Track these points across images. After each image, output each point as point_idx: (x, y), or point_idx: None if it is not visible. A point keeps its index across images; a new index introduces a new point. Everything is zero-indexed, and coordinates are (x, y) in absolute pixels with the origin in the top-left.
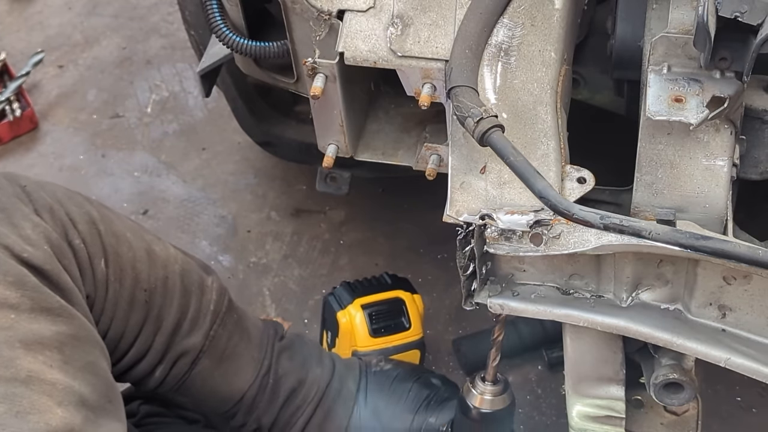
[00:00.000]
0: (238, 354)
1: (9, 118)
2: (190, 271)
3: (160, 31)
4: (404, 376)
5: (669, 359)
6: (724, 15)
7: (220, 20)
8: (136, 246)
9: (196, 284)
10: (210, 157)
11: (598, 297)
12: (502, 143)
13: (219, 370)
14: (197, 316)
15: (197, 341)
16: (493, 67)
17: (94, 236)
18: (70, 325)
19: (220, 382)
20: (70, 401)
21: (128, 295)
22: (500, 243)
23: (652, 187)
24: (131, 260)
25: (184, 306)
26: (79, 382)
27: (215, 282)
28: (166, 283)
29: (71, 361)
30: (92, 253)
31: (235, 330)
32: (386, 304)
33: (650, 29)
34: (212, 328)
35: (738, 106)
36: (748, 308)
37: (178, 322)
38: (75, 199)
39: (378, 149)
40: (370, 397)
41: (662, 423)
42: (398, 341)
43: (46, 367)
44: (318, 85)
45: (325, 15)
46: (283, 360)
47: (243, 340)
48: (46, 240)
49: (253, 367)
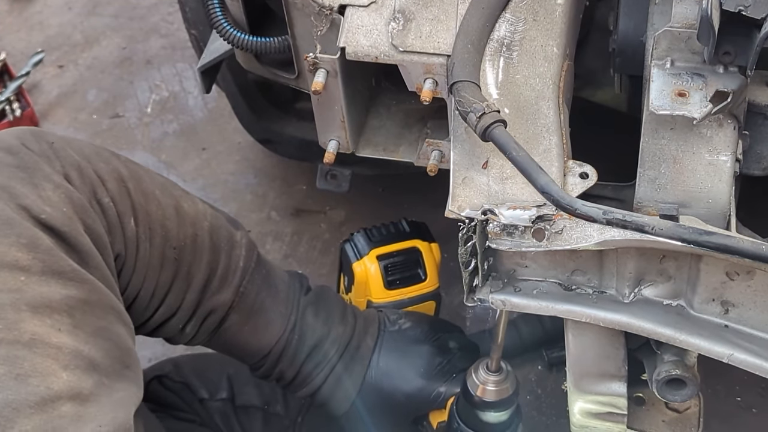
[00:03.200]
0: (266, 309)
1: (9, 118)
2: (219, 227)
3: (160, 31)
4: (421, 338)
5: (671, 355)
6: (727, 9)
7: (221, 15)
8: (165, 203)
9: (225, 240)
10: (210, 157)
11: (601, 293)
12: (504, 138)
13: (248, 325)
14: (226, 273)
15: (227, 297)
16: (495, 62)
17: (123, 194)
18: (81, 289)
19: (248, 336)
20: (77, 365)
21: (158, 253)
22: (502, 238)
23: (654, 183)
24: (160, 218)
25: (214, 263)
26: (89, 347)
27: (244, 237)
28: (196, 240)
29: (81, 325)
30: (121, 212)
31: (263, 285)
32: (402, 255)
33: (653, 24)
34: (241, 284)
35: (741, 100)
36: (751, 304)
37: (208, 279)
38: (103, 155)
39: (379, 145)
40: (384, 356)
41: (664, 420)
42: (413, 293)
43: (53, 331)
44: (319, 80)
45: (326, 10)
46: (308, 316)
47: (271, 296)
48: (68, 201)
49: (281, 322)
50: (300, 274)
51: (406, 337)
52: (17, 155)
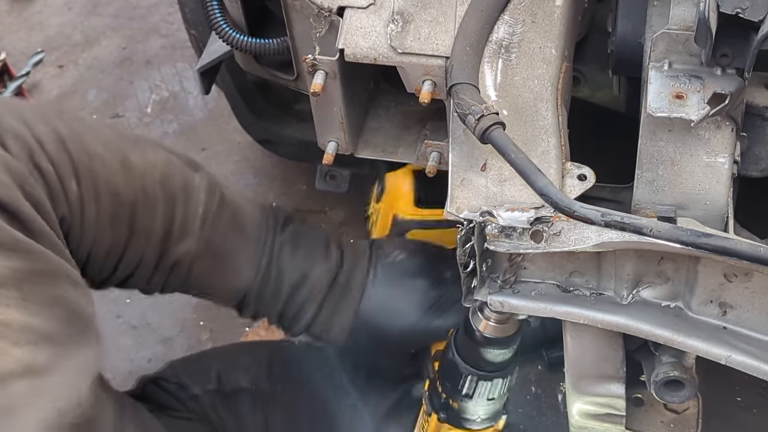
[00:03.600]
0: (234, 252)
1: None
2: (173, 174)
3: (160, 31)
4: (415, 270)
5: (669, 357)
6: (725, 11)
7: (220, 17)
8: (110, 160)
9: (180, 188)
10: (210, 157)
11: (599, 294)
12: (503, 140)
13: (217, 269)
14: (185, 222)
15: (190, 246)
16: (494, 63)
17: (63, 156)
18: (27, 259)
19: (220, 281)
20: (29, 340)
21: (107, 211)
22: (500, 240)
23: (652, 184)
24: (105, 176)
25: (170, 213)
26: (41, 319)
27: (203, 179)
28: (147, 193)
29: (31, 297)
30: (62, 175)
31: (229, 228)
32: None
33: (651, 26)
34: (203, 230)
35: (739, 102)
36: (749, 306)
37: (166, 231)
38: (45, 117)
39: (378, 146)
40: (377, 290)
41: (662, 421)
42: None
43: (1, 307)
44: (318, 82)
45: (325, 12)
46: (285, 255)
47: (239, 237)
48: (6, 169)
49: (252, 263)
50: (275, 207)
51: (400, 270)
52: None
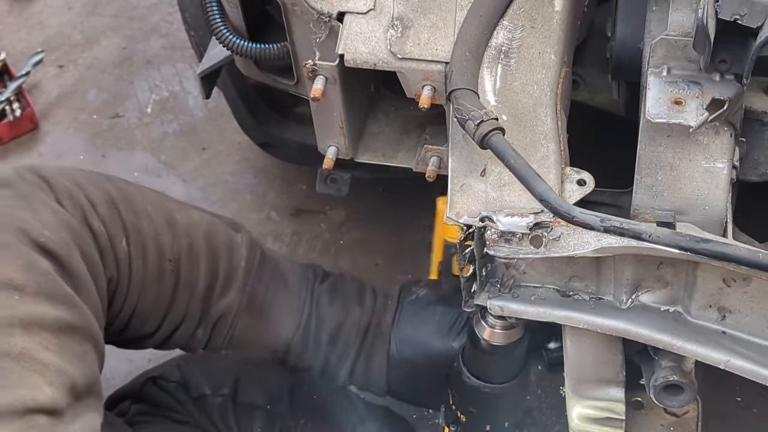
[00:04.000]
0: (277, 303)
1: (9, 118)
2: (216, 233)
3: (160, 31)
4: (433, 300)
5: (669, 361)
6: (723, 17)
7: (220, 22)
8: (157, 218)
9: (223, 244)
10: (210, 157)
11: (598, 299)
12: (502, 146)
13: (260, 322)
14: (229, 276)
15: (233, 299)
16: (493, 69)
17: (114, 216)
18: (71, 313)
19: (263, 334)
20: (60, 383)
21: (153, 268)
22: (500, 245)
23: (651, 190)
24: (153, 234)
25: (213, 268)
26: (72, 368)
27: (245, 237)
28: (191, 249)
29: (66, 347)
30: (112, 234)
31: (271, 281)
32: None
33: (650, 31)
34: (246, 284)
35: (738, 108)
36: (748, 310)
37: (210, 285)
38: (94, 179)
39: (378, 151)
40: (402, 327)
41: (662, 424)
42: None
43: (41, 348)
44: (318, 87)
45: (325, 17)
46: (323, 305)
47: (281, 289)
48: (66, 226)
49: (294, 315)
50: (313, 264)
51: (420, 304)
52: (15, 187)
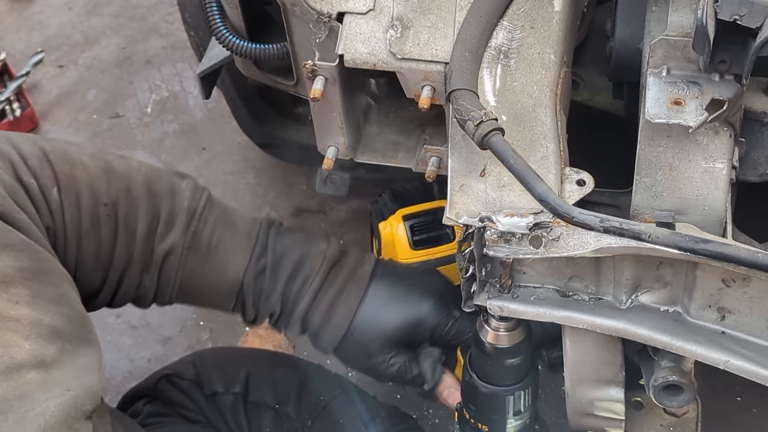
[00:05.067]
0: (224, 243)
1: (9, 118)
2: (158, 178)
3: (160, 31)
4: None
5: (668, 361)
6: (723, 18)
7: (219, 22)
8: (92, 167)
9: (165, 188)
10: (210, 157)
11: (598, 299)
12: (502, 146)
13: (209, 263)
14: (171, 217)
15: (176, 239)
16: (493, 69)
17: (45, 168)
18: (34, 259)
19: (213, 274)
20: (39, 334)
21: (88, 214)
22: (500, 245)
23: (651, 190)
24: (87, 180)
25: (154, 210)
26: (50, 315)
27: (189, 183)
28: (129, 193)
29: (40, 294)
30: (43, 185)
31: (218, 222)
32: (429, 215)
33: (649, 32)
34: (190, 224)
35: (737, 108)
36: (748, 310)
37: (151, 227)
38: (32, 139)
39: (378, 151)
40: (383, 284)
41: (662, 425)
42: (441, 253)
43: (10, 305)
44: (318, 87)
45: (324, 17)
46: (283, 238)
47: (228, 230)
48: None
49: (243, 251)
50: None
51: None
52: None
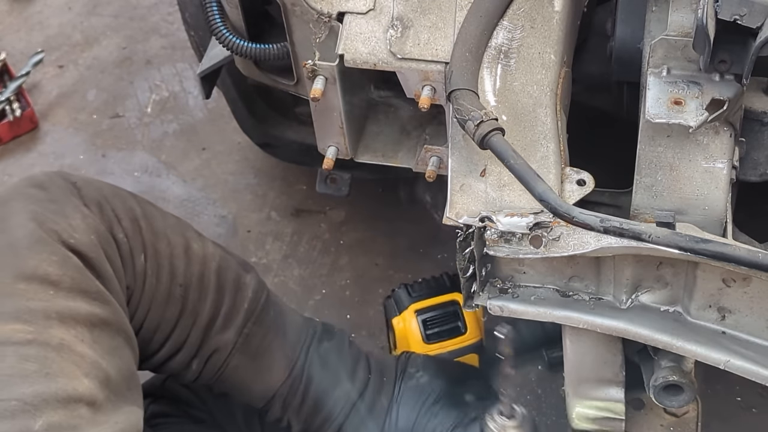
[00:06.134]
0: (271, 351)
1: (9, 118)
2: (227, 268)
3: (160, 31)
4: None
5: (668, 361)
6: (723, 18)
7: (220, 22)
8: (175, 243)
9: (231, 281)
10: (210, 157)
11: (598, 299)
12: (502, 146)
13: (252, 366)
14: (231, 313)
15: (230, 337)
16: (493, 69)
17: (136, 232)
18: (103, 309)
19: (252, 378)
20: (96, 375)
21: (164, 289)
22: (500, 245)
23: (651, 190)
24: (169, 256)
25: (218, 302)
26: (105, 362)
27: (253, 279)
28: (202, 279)
29: (99, 341)
30: (133, 247)
31: (270, 327)
32: (441, 308)
33: (650, 31)
34: (246, 325)
35: (737, 108)
36: (748, 310)
37: (212, 318)
38: (120, 195)
39: (378, 151)
40: (401, 412)
41: (662, 424)
42: (453, 346)
43: (77, 341)
44: (318, 87)
45: (325, 17)
46: (315, 366)
47: (278, 338)
48: (94, 230)
49: (285, 365)
50: (315, 321)
51: (423, 393)
52: (47, 190)
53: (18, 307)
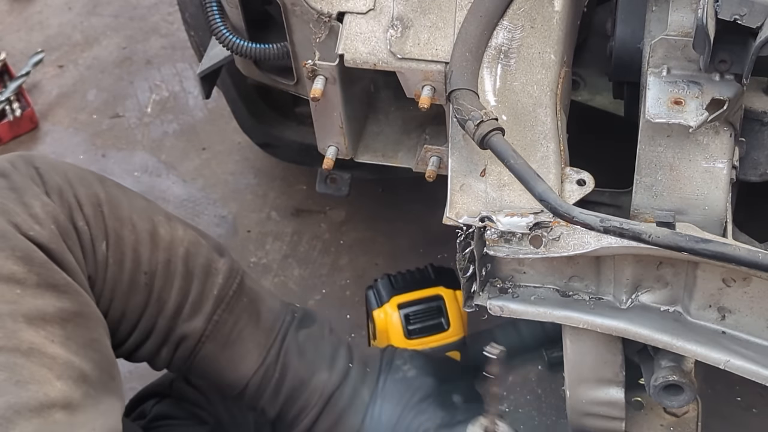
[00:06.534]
0: (243, 339)
1: (9, 118)
2: (197, 254)
3: (160, 31)
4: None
5: (668, 361)
6: (723, 17)
7: (220, 22)
8: (140, 228)
9: (200, 267)
10: (210, 157)
11: (598, 299)
12: (502, 146)
13: (224, 353)
14: (199, 300)
15: (198, 325)
16: (493, 69)
17: (98, 219)
18: (74, 302)
19: (224, 365)
20: (69, 376)
21: (128, 277)
22: (500, 245)
23: (651, 190)
24: (133, 243)
25: (186, 289)
26: (80, 359)
27: (225, 264)
28: (168, 266)
29: (73, 337)
30: (95, 235)
31: (242, 314)
32: (424, 303)
33: (650, 31)
34: (215, 312)
35: (737, 108)
36: (748, 310)
37: (179, 305)
38: (85, 180)
39: (378, 151)
40: (384, 405)
41: (662, 424)
42: (435, 342)
43: (47, 342)
44: (318, 87)
45: (325, 17)
46: (292, 355)
47: (250, 325)
48: (53, 220)
49: (258, 353)
50: (294, 307)
51: (410, 388)
52: (8, 177)
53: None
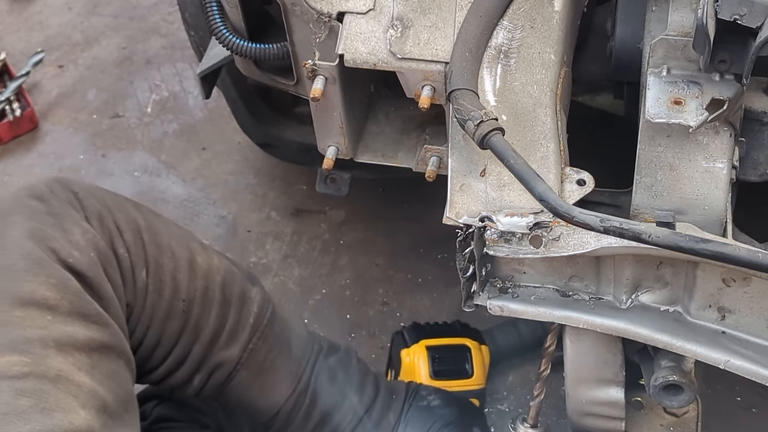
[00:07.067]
0: (276, 367)
1: (9, 118)
2: (232, 282)
3: (160, 31)
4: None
5: (668, 361)
6: (723, 17)
7: (220, 22)
8: (179, 256)
9: (236, 296)
10: (210, 157)
11: (598, 299)
12: (502, 146)
13: (257, 382)
14: (236, 328)
15: (234, 353)
16: (493, 69)
17: (138, 246)
18: (102, 332)
19: (257, 393)
20: (92, 405)
21: (166, 305)
22: (500, 245)
23: (651, 190)
24: (172, 270)
25: (223, 317)
26: (103, 388)
27: (259, 293)
28: (206, 294)
29: (98, 366)
30: (135, 263)
31: (275, 343)
32: (452, 350)
33: (650, 31)
34: (251, 341)
35: (737, 108)
36: (748, 310)
37: (216, 333)
38: (123, 206)
39: (378, 151)
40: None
41: (662, 424)
42: (458, 387)
43: (75, 369)
44: (318, 87)
45: (324, 17)
46: (322, 381)
47: (282, 354)
48: (93, 247)
49: (290, 381)
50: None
51: (433, 416)
52: (47, 202)
53: (14, 337)
